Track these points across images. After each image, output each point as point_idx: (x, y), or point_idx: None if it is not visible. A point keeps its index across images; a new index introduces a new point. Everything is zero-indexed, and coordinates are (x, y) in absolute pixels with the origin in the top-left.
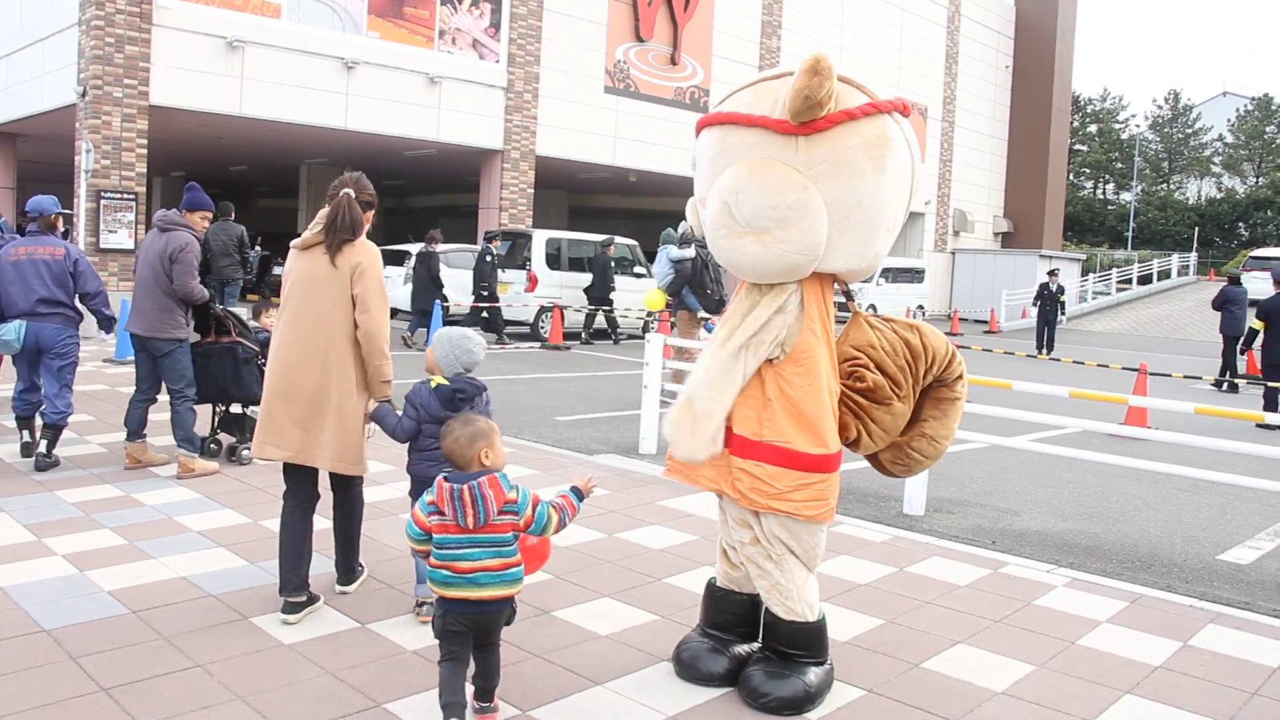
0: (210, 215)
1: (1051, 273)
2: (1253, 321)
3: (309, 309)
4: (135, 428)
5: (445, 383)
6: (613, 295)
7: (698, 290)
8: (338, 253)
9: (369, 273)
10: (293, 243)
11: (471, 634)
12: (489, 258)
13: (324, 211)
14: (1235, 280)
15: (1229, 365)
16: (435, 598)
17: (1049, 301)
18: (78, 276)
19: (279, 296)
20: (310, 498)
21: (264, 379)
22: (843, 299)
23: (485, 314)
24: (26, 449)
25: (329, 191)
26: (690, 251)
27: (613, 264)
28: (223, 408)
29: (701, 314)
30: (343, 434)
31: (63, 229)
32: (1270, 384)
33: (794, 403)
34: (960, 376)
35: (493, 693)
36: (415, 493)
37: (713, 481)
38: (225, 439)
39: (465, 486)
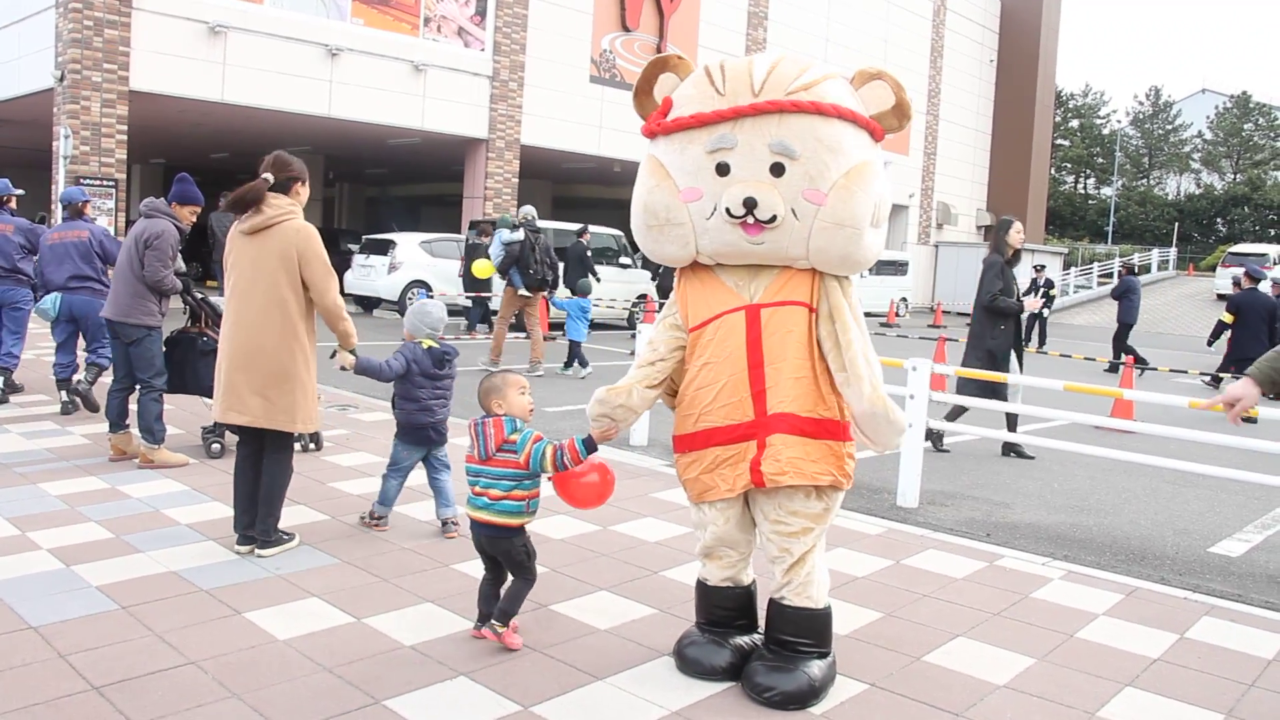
0: (199, 210)
1: (1039, 267)
2: (1223, 315)
3: (260, 287)
4: (116, 418)
5: (435, 345)
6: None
7: (522, 270)
8: (281, 233)
9: (313, 261)
10: (236, 226)
11: (489, 554)
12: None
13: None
14: (1132, 270)
15: (1126, 350)
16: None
17: (1038, 296)
18: (104, 253)
19: None
20: (260, 448)
21: (219, 350)
22: None
23: (473, 304)
24: (65, 408)
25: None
26: (520, 235)
27: (589, 253)
28: None
29: (522, 291)
30: (301, 399)
31: (90, 214)
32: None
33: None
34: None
35: (508, 616)
36: (402, 438)
37: (825, 474)
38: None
39: (472, 423)
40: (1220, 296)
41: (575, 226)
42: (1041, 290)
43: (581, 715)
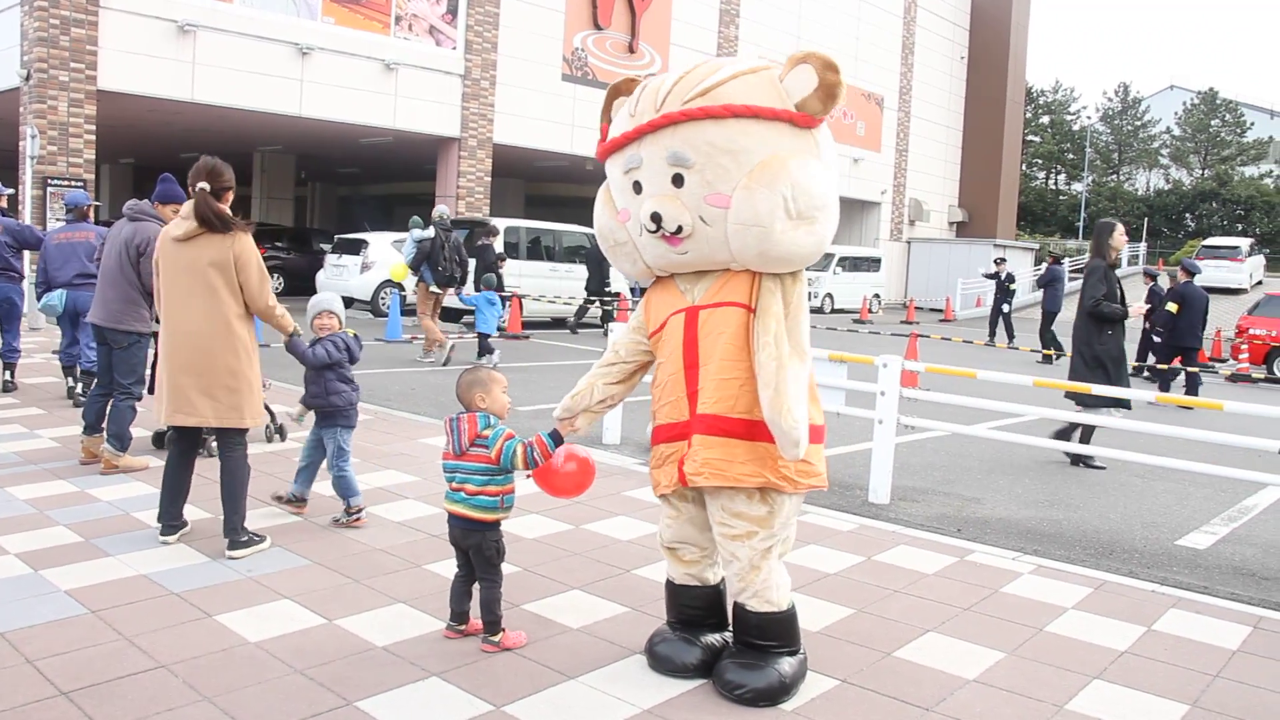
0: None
1: (998, 261)
2: (1169, 305)
3: (199, 292)
4: (93, 421)
5: (354, 332)
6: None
7: (432, 267)
8: (218, 241)
9: (249, 265)
10: (168, 234)
11: (462, 548)
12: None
13: (188, 206)
14: (1058, 260)
15: (1051, 341)
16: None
17: (999, 291)
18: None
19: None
20: (194, 445)
21: (159, 354)
22: None
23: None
24: (71, 392)
25: (188, 181)
26: (430, 233)
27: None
28: None
29: (433, 288)
30: (248, 395)
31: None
32: (1186, 368)
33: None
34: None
35: (491, 626)
36: (348, 422)
37: (756, 475)
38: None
39: (448, 420)
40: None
41: (548, 225)
42: (1003, 283)
43: (554, 714)
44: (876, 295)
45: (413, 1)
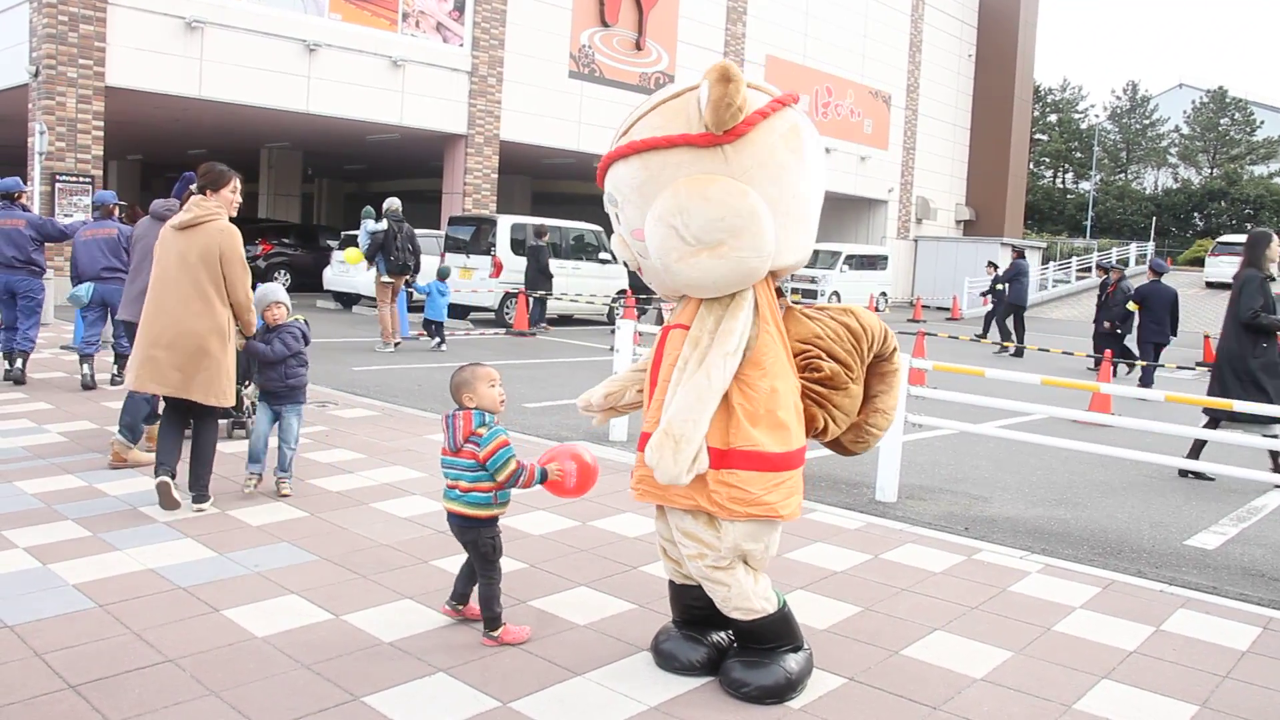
0: None
1: (993, 264)
2: (1130, 305)
3: (186, 278)
4: (149, 415)
5: (304, 318)
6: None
7: (385, 256)
8: (206, 232)
9: (232, 259)
10: (170, 222)
11: (461, 543)
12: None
13: (193, 200)
14: (1021, 254)
15: (1018, 334)
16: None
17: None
18: (130, 248)
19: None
20: (185, 412)
21: (139, 328)
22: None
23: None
24: (84, 382)
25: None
26: (384, 225)
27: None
28: None
29: (385, 278)
30: (215, 375)
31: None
32: (1148, 362)
33: (758, 405)
34: (895, 349)
35: (490, 622)
36: (300, 401)
37: (687, 498)
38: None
39: (445, 416)
40: (1209, 284)
41: (555, 222)
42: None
43: (560, 711)
44: (884, 294)
45: None
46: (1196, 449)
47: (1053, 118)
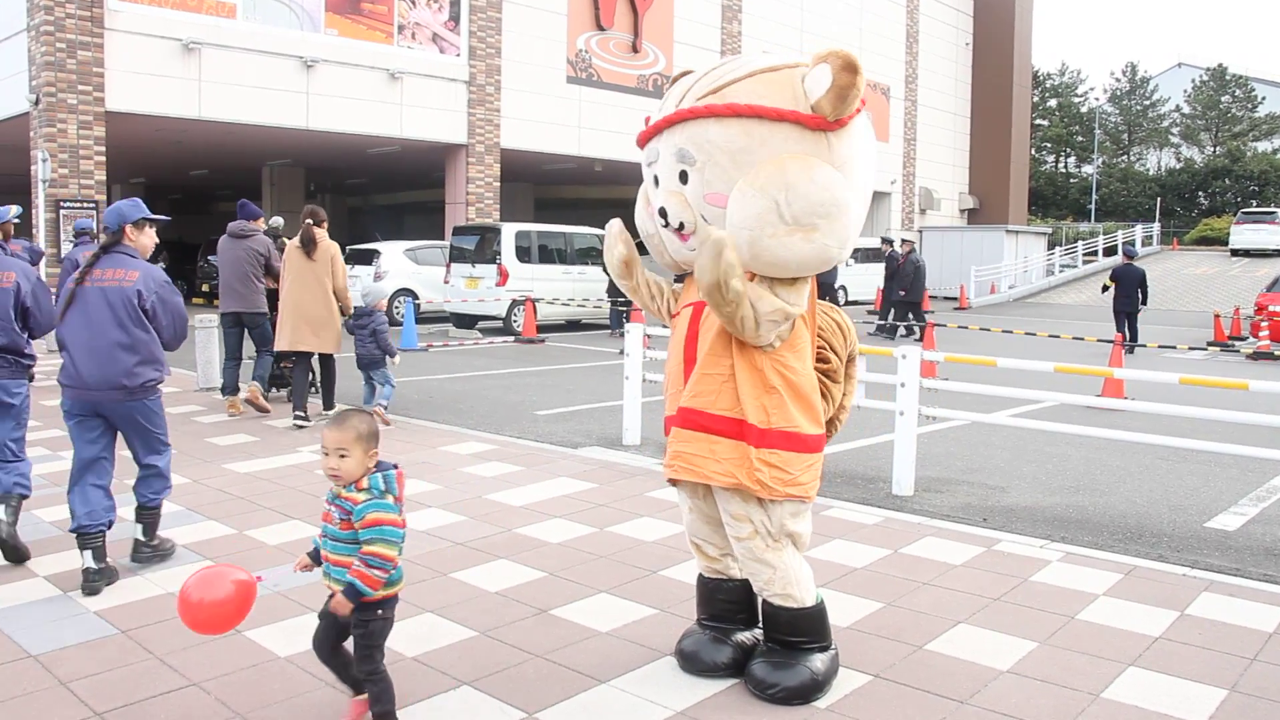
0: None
1: (886, 241)
2: (1105, 281)
3: (310, 277)
4: (231, 383)
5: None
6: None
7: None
8: (324, 250)
9: (335, 265)
10: (291, 244)
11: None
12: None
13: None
14: (909, 249)
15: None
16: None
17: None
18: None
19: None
20: (308, 359)
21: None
22: None
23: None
24: None
25: (301, 219)
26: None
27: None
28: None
29: None
30: (330, 335)
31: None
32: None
33: (796, 388)
34: (856, 350)
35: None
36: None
37: (727, 475)
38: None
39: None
40: (1234, 252)
41: (559, 229)
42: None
43: (586, 719)
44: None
45: (415, 10)
46: None
47: (1052, 102)
